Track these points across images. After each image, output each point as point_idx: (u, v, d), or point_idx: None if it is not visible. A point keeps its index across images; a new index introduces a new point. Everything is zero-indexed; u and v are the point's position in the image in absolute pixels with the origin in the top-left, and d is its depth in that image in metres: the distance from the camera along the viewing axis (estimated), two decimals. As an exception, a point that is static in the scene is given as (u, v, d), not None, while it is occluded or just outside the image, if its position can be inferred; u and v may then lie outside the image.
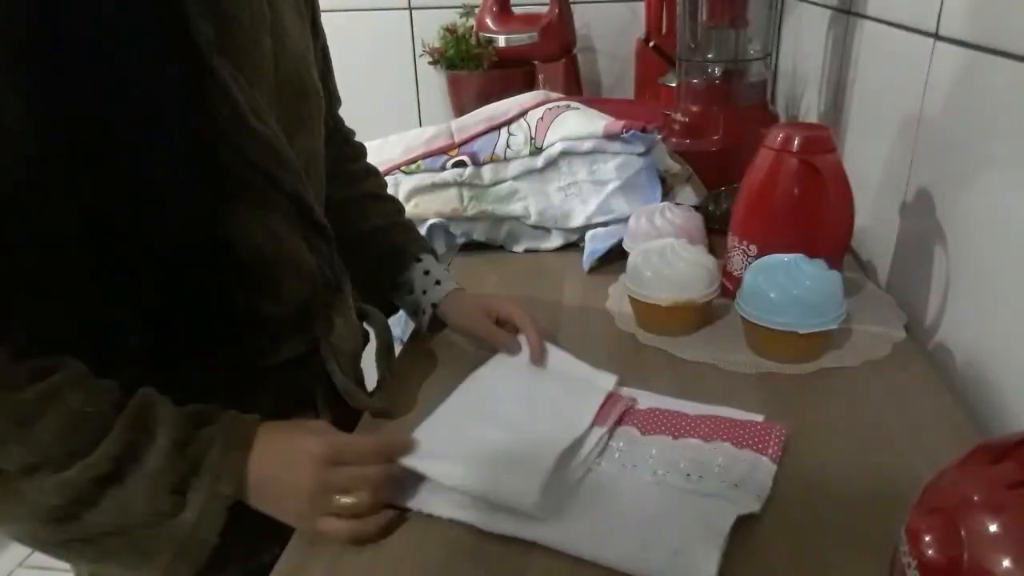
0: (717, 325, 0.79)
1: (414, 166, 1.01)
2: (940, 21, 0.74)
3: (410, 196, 1.01)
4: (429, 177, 1.00)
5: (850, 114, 1.03)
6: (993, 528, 0.34)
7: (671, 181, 1.04)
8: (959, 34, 0.70)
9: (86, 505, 0.49)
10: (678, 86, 1.19)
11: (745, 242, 0.79)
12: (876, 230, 0.91)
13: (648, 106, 1.24)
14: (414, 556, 0.52)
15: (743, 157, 0.82)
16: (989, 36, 0.65)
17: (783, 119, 1.29)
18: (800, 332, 0.69)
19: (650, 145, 0.97)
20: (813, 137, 0.74)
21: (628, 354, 0.75)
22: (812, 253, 0.71)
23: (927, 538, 0.36)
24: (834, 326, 0.70)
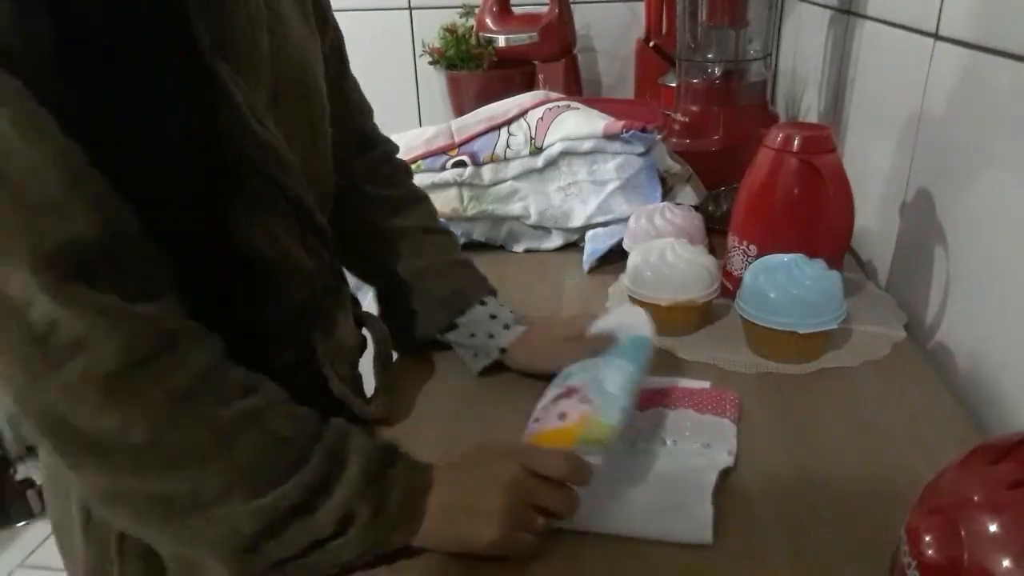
0: (717, 325, 0.79)
1: (414, 166, 1.01)
2: (940, 21, 0.74)
3: (410, 196, 1.01)
4: (429, 177, 1.00)
5: (850, 114, 1.03)
6: (993, 528, 0.34)
7: (671, 181, 1.04)
8: (959, 34, 0.70)
9: (272, 536, 0.46)
10: (678, 86, 1.19)
11: (745, 242, 0.79)
12: (876, 230, 0.91)
13: (648, 106, 1.24)
14: (414, 556, 0.52)
15: (743, 157, 0.82)
16: (989, 36, 0.65)
17: (783, 119, 1.29)
18: (800, 332, 0.69)
19: (650, 145, 0.97)
20: (813, 137, 0.74)
21: (628, 354, 0.75)
22: (812, 253, 0.71)
23: (927, 538, 0.36)
24: (834, 326, 0.70)
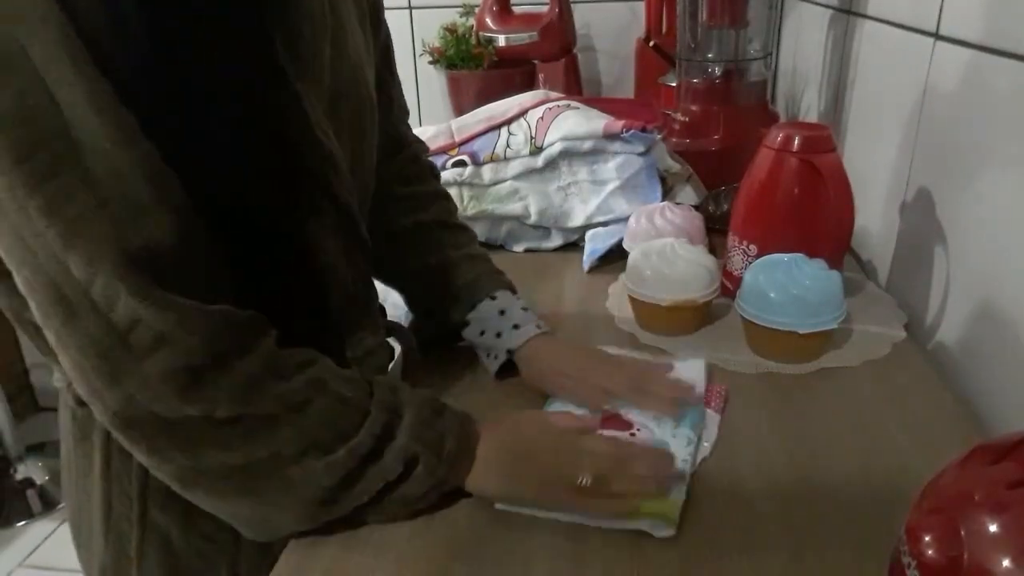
0: (717, 325, 0.79)
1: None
2: (940, 21, 0.74)
3: (410, 196, 1.01)
4: (429, 177, 1.00)
5: (850, 114, 1.03)
6: (993, 528, 0.34)
7: (671, 181, 1.04)
8: (959, 34, 0.70)
9: (350, 485, 0.51)
10: (678, 86, 1.19)
11: (745, 242, 0.79)
12: (876, 230, 0.91)
13: (648, 106, 1.24)
14: (414, 556, 0.52)
15: (743, 157, 0.82)
16: (989, 36, 0.65)
17: (783, 119, 1.29)
18: (800, 332, 0.69)
19: (650, 145, 0.97)
20: (813, 137, 0.74)
21: (628, 354, 0.75)
22: (812, 253, 0.71)
23: (927, 538, 0.36)
24: (834, 326, 0.70)
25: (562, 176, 0.98)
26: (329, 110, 0.58)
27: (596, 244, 0.95)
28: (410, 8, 1.71)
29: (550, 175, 0.99)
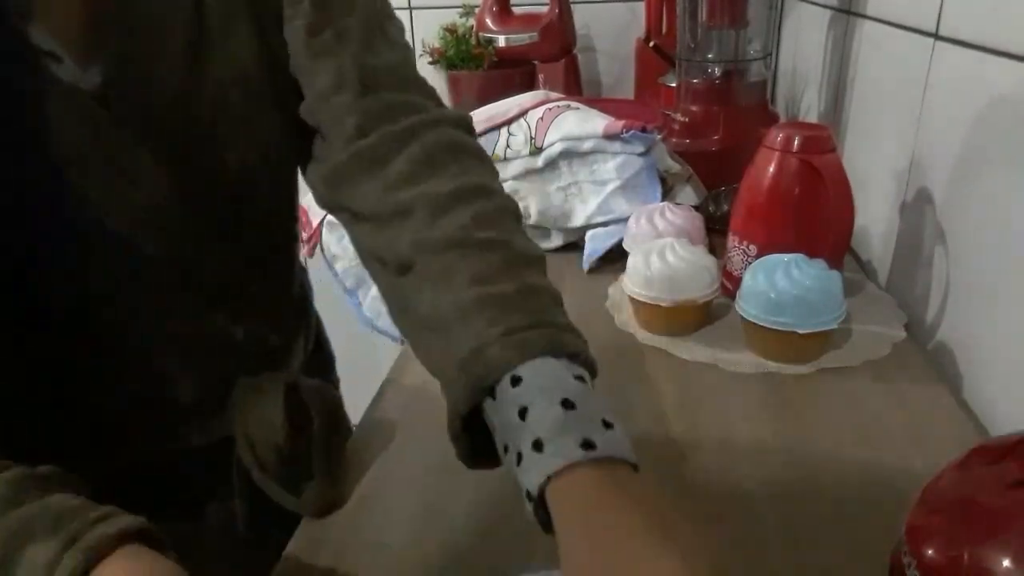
0: (717, 325, 0.79)
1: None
2: (940, 21, 0.74)
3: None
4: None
5: (850, 114, 1.03)
6: (993, 528, 0.34)
7: (671, 181, 1.04)
8: (959, 34, 0.70)
9: None
10: (678, 86, 1.19)
11: (745, 242, 0.79)
12: (876, 230, 0.91)
13: (648, 106, 1.24)
14: (414, 556, 0.52)
15: (743, 157, 0.82)
16: (989, 36, 0.65)
17: (783, 119, 1.29)
18: (800, 332, 0.68)
19: (650, 145, 0.97)
20: (813, 137, 0.74)
21: (628, 354, 0.75)
22: (812, 253, 0.71)
23: (927, 538, 0.36)
24: (834, 326, 0.70)
25: (562, 177, 0.98)
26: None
27: (596, 244, 0.94)
28: (410, 8, 1.70)
29: (550, 176, 0.99)
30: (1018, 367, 0.61)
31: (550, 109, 1.00)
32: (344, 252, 1.20)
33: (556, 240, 1.02)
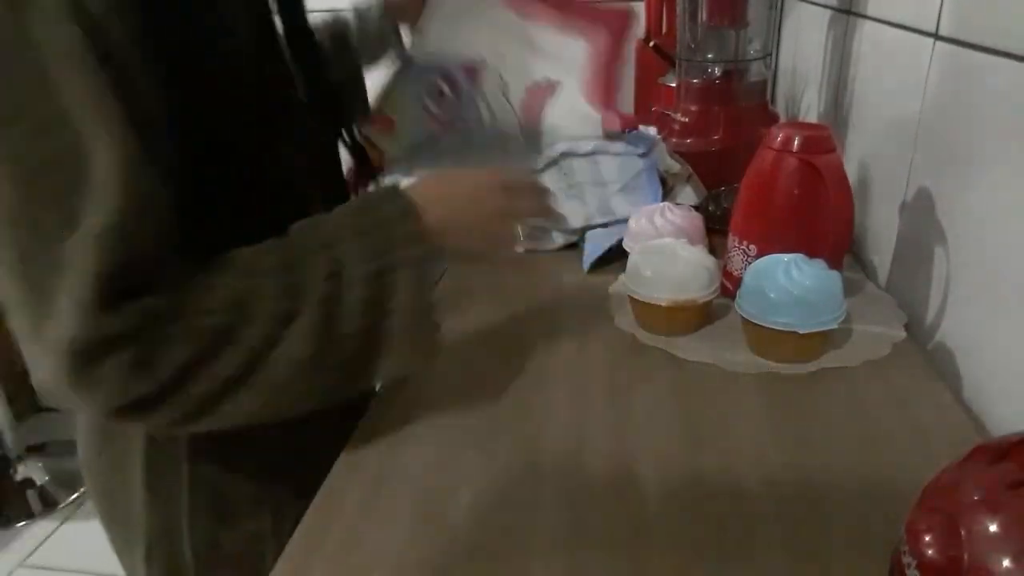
0: (717, 325, 0.79)
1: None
2: (940, 21, 0.74)
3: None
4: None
5: (850, 114, 1.03)
6: (993, 528, 0.34)
7: (671, 181, 1.04)
8: (959, 34, 0.70)
9: (333, 323, 0.52)
10: (678, 86, 1.19)
11: (745, 242, 0.79)
12: (876, 230, 0.91)
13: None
14: (414, 556, 0.52)
15: (743, 157, 0.82)
16: (989, 36, 0.65)
17: (783, 119, 1.29)
18: (800, 332, 0.69)
19: (650, 146, 0.97)
20: (813, 137, 0.74)
21: (628, 354, 0.75)
22: (812, 253, 0.71)
23: (927, 538, 0.36)
24: (834, 326, 0.70)
25: (562, 178, 0.98)
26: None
27: (596, 244, 0.94)
28: (410, 8, 1.70)
29: (550, 176, 0.98)
30: (1018, 367, 0.61)
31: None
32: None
33: (556, 240, 1.01)
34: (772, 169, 0.76)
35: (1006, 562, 0.33)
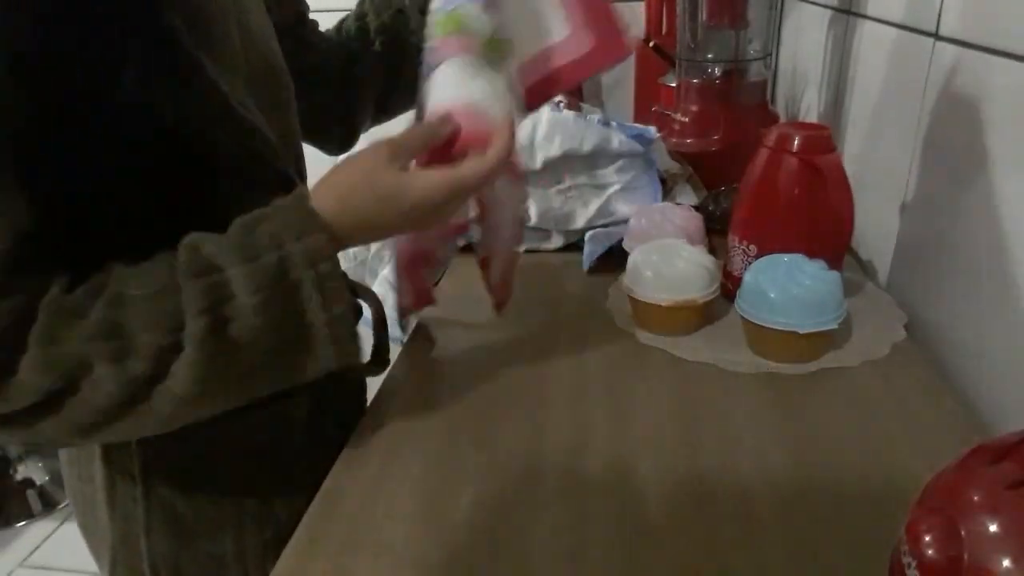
0: (717, 325, 0.79)
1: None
2: (940, 21, 0.74)
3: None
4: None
5: (850, 114, 1.03)
6: (993, 528, 0.34)
7: (671, 181, 1.04)
8: (959, 34, 0.70)
9: (226, 354, 0.48)
10: (678, 86, 1.19)
11: (745, 242, 0.79)
12: (876, 230, 0.91)
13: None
14: (414, 556, 0.52)
15: (743, 157, 0.82)
16: (989, 36, 0.65)
17: (783, 119, 1.29)
18: (800, 332, 0.69)
19: (650, 146, 0.97)
20: (813, 137, 0.74)
21: (628, 354, 0.75)
22: (812, 253, 0.71)
23: (927, 538, 0.36)
24: (834, 326, 0.70)
25: (562, 179, 0.98)
26: (245, 88, 0.57)
27: (596, 244, 0.94)
28: (410, 8, 1.70)
29: (550, 177, 0.99)
30: (1018, 367, 0.61)
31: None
32: (344, 251, 1.20)
33: (556, 241, 1.02)
34: (772, 169, 0.76)
35: (1006, 562, 0.33)
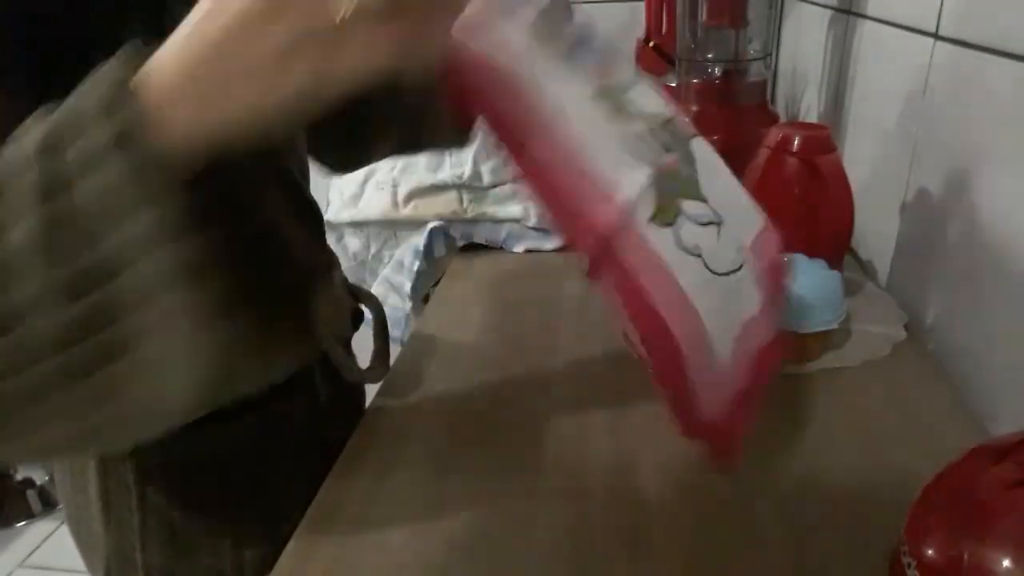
0: (717, 325, 0.79)
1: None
2: (940, 21, 0.74)
3: (409, 198, 1.02)
4: (429, 178, 1.00)
5: (850, 114, 1.03)
6: (993, 528, 0.34)
7: (671, 181, 1.04)
8: (959, 34, 0.70)
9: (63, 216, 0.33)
10: (678, 86, 1.19)
11: (745, 242, 0.79)
12: (876, 230, 0.91)
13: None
14: (414, 556, 0.52)
15: (743, 157, 0.82)
16: (989, 36, 0.65)
17: (783, 119, 1.29)
18: (800, 332, 0.69)
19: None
20: (813, 137, 0.74)
21: (628, 355, 0.75)
22: (812, 253, 0.71)
23: (927, 538, 0.36)
24: (834, 326, 0.70)
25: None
26: None
27: (596, 244, 0.94)
28: (410, 8, 1.70)
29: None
30: (1018, 367, 0.61)
31: None
32: (344, 252, 1.20)
33: (556, 241, 1.02)
34: (772, 169, 0.76)
35: (1006, 562, 0.33)
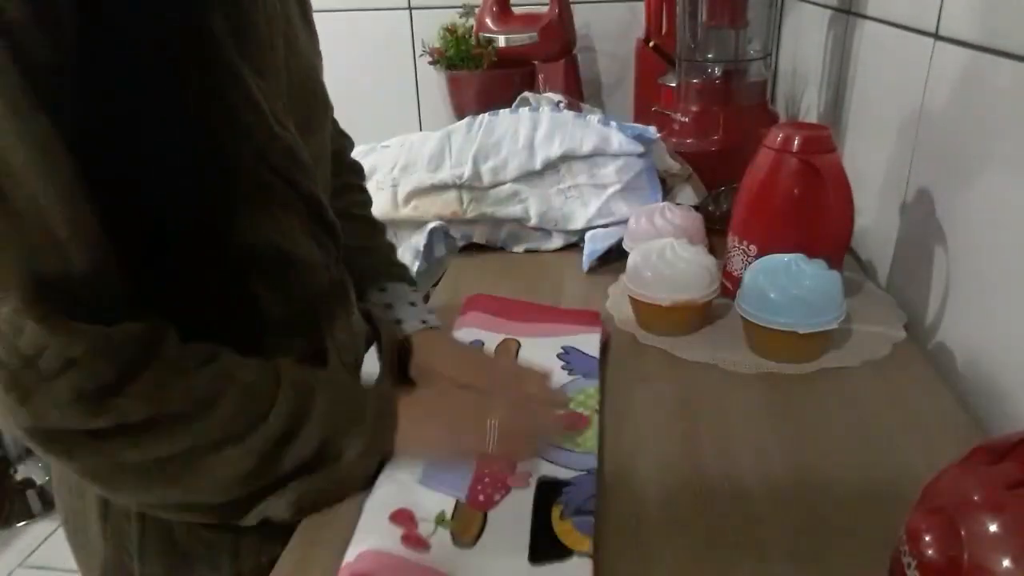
0: (717, 325, 0.79)
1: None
2: (940, 21, 0.74)
3: (409, 198, 1.01)
4: (428, 178, 1.00)
5: (850, 114, 1.03)
6: (993, 528, 0.34)
7: (671, 181, 1.04)
8: (959, 34, 0.70)
9: (268, 466, 0.53)
10: (678, 86, 1.19)
11: (745, 242, 0.79)
12: (876, 230, 0.91)
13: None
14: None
15: (743, 157, 0.82)
16: (989, 36, 0.65)
17: (783, 119, 1.29)
18: (800, 332, 0.69)
19: (650, 146, 0.97)
20: (813, 137, 0.74)
21: (628, 354, 0.75)
22: (812, 253, 0.71)
23: (927, 538, 0.36)
24: (834, 326, 0.70)
25: (562, 179, 0.98)
26: (288, 105, 0.57)
27: (595, 245, 0.94)
28: (410, 8, 1.70)
29: (550, 178, 0.99)
30: (1018, 367, 0.61)
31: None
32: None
33: (556, 241, 1.02)
34: (772, 169, 0.76)
35: (1006, 562, 0.33)
